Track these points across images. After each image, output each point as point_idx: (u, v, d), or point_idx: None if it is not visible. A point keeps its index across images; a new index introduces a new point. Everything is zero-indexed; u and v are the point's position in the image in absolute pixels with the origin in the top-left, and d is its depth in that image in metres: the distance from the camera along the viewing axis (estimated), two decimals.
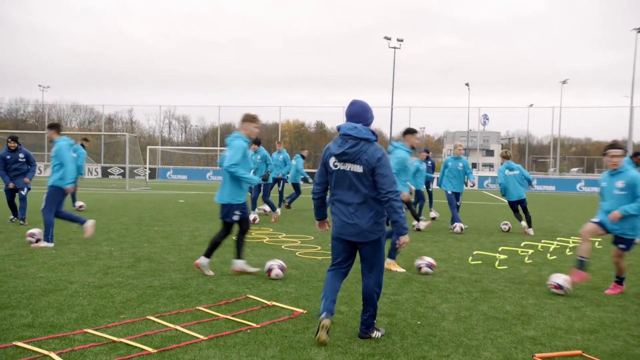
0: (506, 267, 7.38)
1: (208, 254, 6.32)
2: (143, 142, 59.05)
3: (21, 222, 10.35)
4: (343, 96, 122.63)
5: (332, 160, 4.08)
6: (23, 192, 10.57)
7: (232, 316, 4.65)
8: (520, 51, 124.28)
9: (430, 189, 15.80)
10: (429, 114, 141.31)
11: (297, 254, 7.97)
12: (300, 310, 4.89)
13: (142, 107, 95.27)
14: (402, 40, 46.70)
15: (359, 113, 4.10)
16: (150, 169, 38.85)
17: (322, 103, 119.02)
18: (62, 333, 4.03)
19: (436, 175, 18.61)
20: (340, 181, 4.08)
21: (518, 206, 11.28)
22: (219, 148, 48.42)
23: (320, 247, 8.62)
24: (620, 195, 5.90)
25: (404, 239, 4.13)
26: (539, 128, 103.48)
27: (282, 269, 6.22)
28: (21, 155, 10.68)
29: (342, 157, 4.02)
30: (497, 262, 7.45)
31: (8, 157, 10.58)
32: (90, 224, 7.95)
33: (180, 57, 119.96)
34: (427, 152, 15.70)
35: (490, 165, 74.00)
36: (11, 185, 10.48)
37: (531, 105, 55.21)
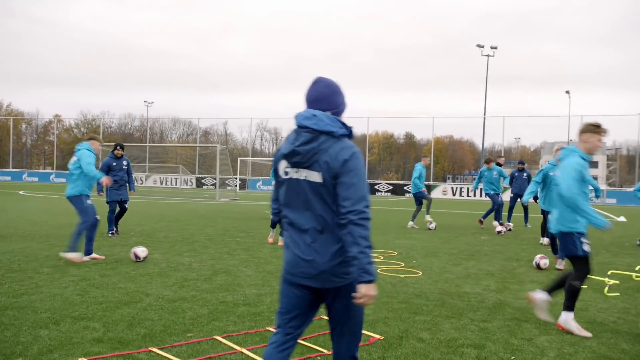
0: (618, 294, 6.46)
1: (550, 290, 5.19)
2: (236, 153, 61.29)
3: (116, 234, 10.52)
4: (433, 106, 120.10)
5: (283, 164, 2.73)
6: (126, 205, 10.69)
7: (303, 339, 4.33)
8: (626, 57, 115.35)
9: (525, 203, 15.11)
10: (525, 124, 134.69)
11: (378, 270, 7.53)
12: (377, 337, 4.47)
13: (235, 119, 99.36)
14: (495, 48, 44.85)
15: (323, 96, 2.73)
16: (240, 179, 40.05)
17: (412, 114, 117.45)
18: (128, 350, 3.91)
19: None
20: (292, 196, 2.69)
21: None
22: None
23: (403, 264, 8.12)
24: None
25: (365, 289, 2.50)
26: None
27: None
28: (124, 162, 10.77)
29: (293, 159, 2.65)
30: (606, 288, 6.55)
31: (114, 164, 10.65)
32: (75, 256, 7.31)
33: (275, 73, 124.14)
34: (522, 163, 14.85)
35: (595, 178, 68.77)
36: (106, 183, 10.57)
37: None
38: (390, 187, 39.37)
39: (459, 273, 7.62)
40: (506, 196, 15.91)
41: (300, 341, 4.26)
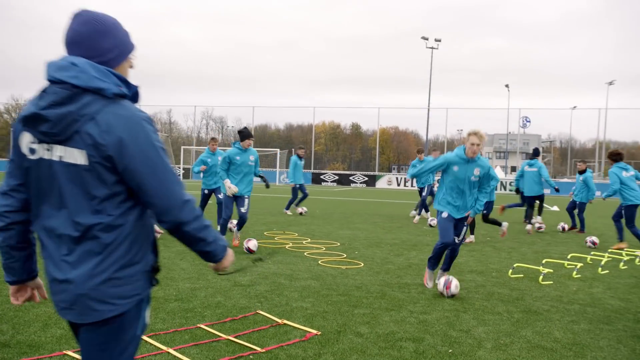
0: (551, 282, 6.58)
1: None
2: (180, 142, 59.62)
3: None
4: (379, 98, 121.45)
5: (26, 138, 1.85)
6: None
7: (236, 337, 4.09)
8: (566, 54, 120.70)
9: None
10: (467, 116, 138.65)
11: (319, 262, 7.37)
12: (314, 332, 4.29)
13: (179, 107, 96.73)
14: (439, 41, 45.61)
15: (81, 37, 1.85)
16: (184, 169, 39.00)
17: (359, 104, 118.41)
18: (38, 355, 3.55)
19: None
20: (43, 186, 1.86)
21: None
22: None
23: (345, 255, 8.00)
24: None
25: (225, 262, 2.00)
26: (583, 131, 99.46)
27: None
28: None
29: (39, 128, 1.80)
30: (541, 277, 6.66)
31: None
32: None
33: (224, 60, 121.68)
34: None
35: None
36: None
37: (574, 107, 53.12)
38: (337, 177, 39.50)
39: (401, 264, 7.57)
40: None
41: (231, 338, 4.03)
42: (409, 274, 6.88)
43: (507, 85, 51.34)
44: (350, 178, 38.63)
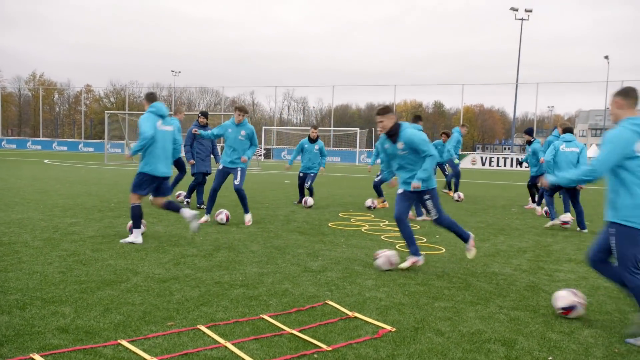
0: None
1: None
2: (263, 123, 60.68)
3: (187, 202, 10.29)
4: (464, 75, 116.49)
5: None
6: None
7: (300, 331, 3.71)
8: None
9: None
10: (559, 91, 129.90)
11: (397, 246, 6.85)
12: (388, 328, 3.82)
13: (262, 88, 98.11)
14: (530, 11, 42.64)
15: None
16: (265, 149, 39.51)
17: (443, 81, 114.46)
18: (93, 344, 3.35)
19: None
20: None
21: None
22: (332, 128, 48.04)
23: (425, 239, 7.42)
24: None
25: None
26: None
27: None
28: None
29: None
30: None
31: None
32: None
33: (321, 41, 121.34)
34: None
35: None
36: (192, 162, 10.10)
37: None
38: None
39: (487, 250, 6.88)
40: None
41: (296, 333, 3.65)
42: (496, 261, 6.20)
43: (606, 57, 47.28)
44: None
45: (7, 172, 18.02)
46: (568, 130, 9.05)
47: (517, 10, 42.66)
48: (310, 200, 10.71)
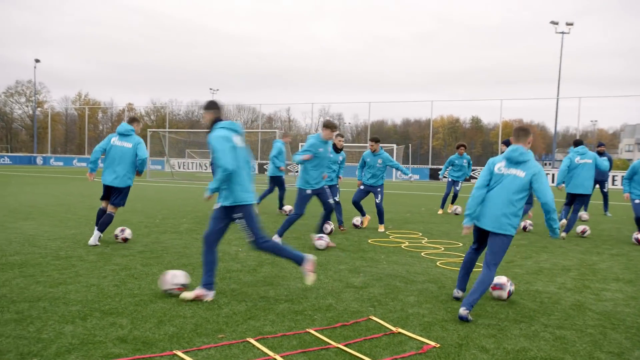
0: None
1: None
2: (299, 139, 61.31)
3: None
4: (501, 89, 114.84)
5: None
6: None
7: (346, 345, 3.81)
8: None
9: (605, 189, 14.31)
10: (602, 106, 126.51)
11: (437, 263, 6.87)
12: (432, 344, 3.88)
13: (297, 105, 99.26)
14: (571, 24, 41.94)
15: None
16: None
17: (480, 96, 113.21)
18: (150, 353, 3.53)
19: (618, 173, 16.41)
20: None
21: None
22: (369, 144, 48.02)
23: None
24: None
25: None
26: None
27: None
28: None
29: None
30: None
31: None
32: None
33: (357, 57, 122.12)
34: (602, 145, 13.72)
35: None
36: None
37: None
38: None
39: (530, 268, 6.83)
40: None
41: (342, 347, 3.75)
42: (539, 279, 6.15)
43: None
44: (471, 174, 36.89)
45: (57, 188, 18.81)
46: (579, 143, 9.76)
47: (557, 23, 42.01)
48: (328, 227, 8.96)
